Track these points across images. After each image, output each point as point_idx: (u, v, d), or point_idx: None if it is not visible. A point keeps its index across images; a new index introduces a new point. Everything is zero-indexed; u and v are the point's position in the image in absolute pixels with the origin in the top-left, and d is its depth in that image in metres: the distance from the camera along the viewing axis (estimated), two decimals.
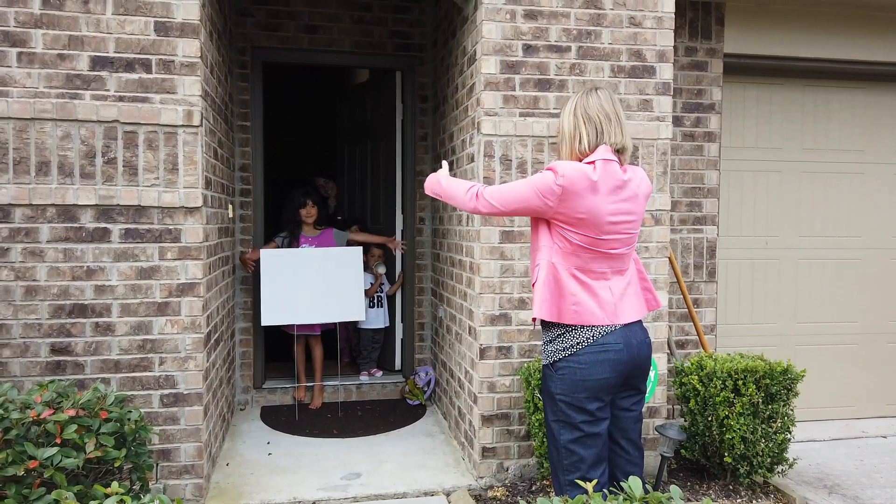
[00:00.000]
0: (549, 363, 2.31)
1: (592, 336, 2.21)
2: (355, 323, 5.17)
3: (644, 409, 3.56)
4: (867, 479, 3.75)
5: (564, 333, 2.25)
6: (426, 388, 4.77)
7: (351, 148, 5.78)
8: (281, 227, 4.88)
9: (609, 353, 2.23)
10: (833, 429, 4.55)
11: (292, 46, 4.72)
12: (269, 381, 4.92)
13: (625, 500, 1.62)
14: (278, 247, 4.66)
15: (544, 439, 3.22)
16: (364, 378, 5.08)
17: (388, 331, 5.23)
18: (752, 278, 4.55)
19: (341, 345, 5.37)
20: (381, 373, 5.18)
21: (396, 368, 5.20)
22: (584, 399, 2.23)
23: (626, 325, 2.27)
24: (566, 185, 2.16)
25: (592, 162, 2.21)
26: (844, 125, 4.63)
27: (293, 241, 4.72)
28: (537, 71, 3.41)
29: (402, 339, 5.15)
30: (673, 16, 3.51)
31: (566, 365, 2.24)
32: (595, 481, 1.79)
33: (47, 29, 2.97)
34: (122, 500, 1.52)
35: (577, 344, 2.23)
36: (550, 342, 2.29)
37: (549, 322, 2.28)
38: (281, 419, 4.46)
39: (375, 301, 5.08)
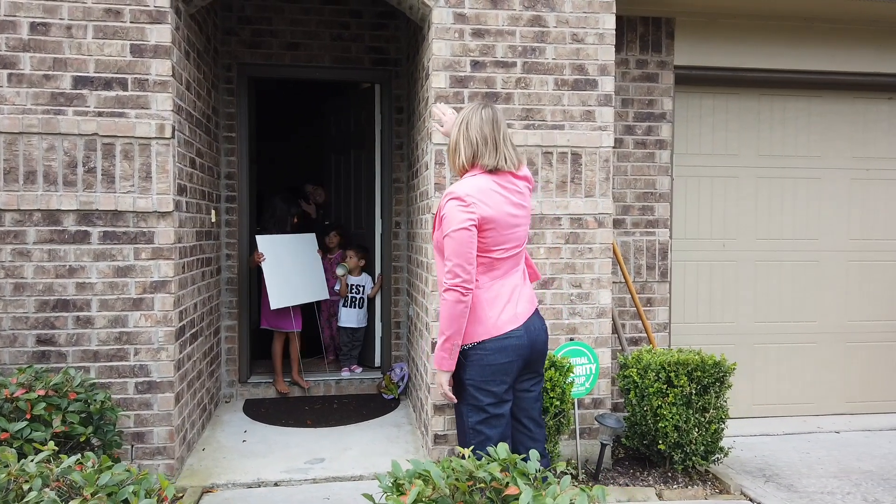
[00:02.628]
0: (459, 352, 2.54)
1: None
2: (338, 322, 5.50)
3: (588, 401, 3.81)
4: (807, 470, 3.92)
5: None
6: (400, 384, 5.04)
7: (337, 156, 6.09)
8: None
9: (511, 339, 2.48)
10: (789, 424, 4.72)
11: (275, 62, 5.04)
12: (254, 377, 5.23)
13: (488, 460, 1.87)
14: None
15: None
16: (345, 374, 5.37)
17: (369, 329, 5.52)
18: (710, 279, 4.75)
19: (325, 342, 5.68)
20: (360, 369, 5.46)
21: (376, 365, 5.48)
22: (491, 382, 2.47)
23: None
24: (472, 200, 2.41)
25: (474, 174, 2.52)
26: (801, 132, 4.82)
27: None
28: (485, 85, 3.68)
29: (380, 338, 5.43)
30: (613, 32, 3.76)
31: (474, 353, 2.49)
32: (472, 447, 2.03)
33: (34, 52, 3.31)
34: (55, 452, 1.81)
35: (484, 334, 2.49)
36: None
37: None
38: (261, 411, 4.76)
39: (349, 302, 5.39)
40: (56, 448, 1.89)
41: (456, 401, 2.58)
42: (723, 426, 3.63)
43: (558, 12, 3.72)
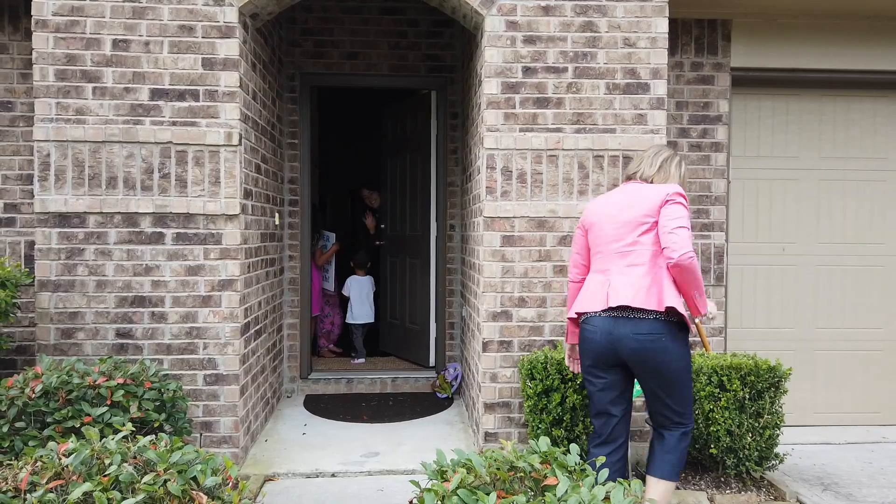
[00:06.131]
0: None
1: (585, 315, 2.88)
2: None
3: (640, 403, 3.82)
4: (867, 480, 3.82)
5: None
6: (454, 383, 5.15)
7: (393, 161, 6.26)
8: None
9: (586, 332, 2.84)
10: (852, 433, 4.59)
11: (336, 71, 5.24)
12: (314, 373, 5.44)
13: (529, 452, 1.95)
14: None
15: (538, 425, 3.52)
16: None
17: (423, 329, 5.66)
18: (769, 283, 4.67)
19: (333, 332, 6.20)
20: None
21: (430, 365, 5.61)
22: (583, 358, 2.90)
23: (614, 316, 2.71)
24: (585, 206, 2.92)
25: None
26: (866, 133, 4.69)
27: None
28: (536, 90, 3.75)
29: (435, 338, 5.56)
30: (666, 36, 3.77)
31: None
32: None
33: (116, 67, 3.58)
34: (133, 433, 2.00)
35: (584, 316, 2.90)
36: None
37: None
38: (321, 406, 4.96)
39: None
40: (133, 429, 2.08)
41: (576, 370, 3.15)
42: (778, 432, 3.58)
43: (610, 17, 3.76)
